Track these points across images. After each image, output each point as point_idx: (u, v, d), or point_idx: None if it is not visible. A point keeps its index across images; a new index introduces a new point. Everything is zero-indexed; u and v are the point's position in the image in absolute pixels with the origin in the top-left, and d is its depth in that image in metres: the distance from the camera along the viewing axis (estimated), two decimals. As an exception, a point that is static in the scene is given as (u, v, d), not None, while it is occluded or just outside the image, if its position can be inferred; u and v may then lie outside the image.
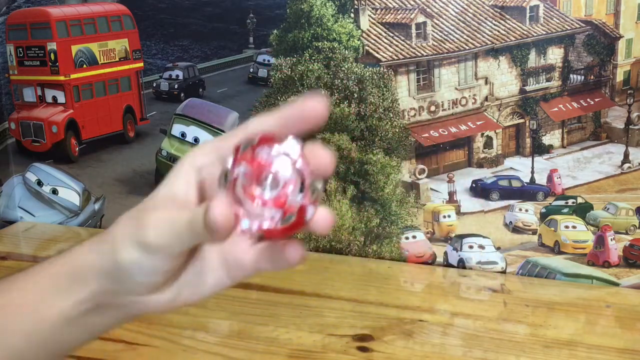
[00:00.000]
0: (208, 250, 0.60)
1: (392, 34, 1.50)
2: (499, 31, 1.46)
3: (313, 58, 1.53)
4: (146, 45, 1.71)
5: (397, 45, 1.51)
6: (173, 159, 1.70)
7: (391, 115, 1.51)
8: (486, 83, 1.50)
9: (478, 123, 1.52)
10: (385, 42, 1.51)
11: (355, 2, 1.50)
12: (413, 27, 1.49)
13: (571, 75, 1.44)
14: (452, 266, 1.53)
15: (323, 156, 0.54)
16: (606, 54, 1.41)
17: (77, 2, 1.72)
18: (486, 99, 1.51)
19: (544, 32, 1.44)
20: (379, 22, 1.51)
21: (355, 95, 1.52)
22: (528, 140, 1.50)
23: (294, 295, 1.36)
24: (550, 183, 1.47)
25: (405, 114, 1.52)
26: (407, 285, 1.50)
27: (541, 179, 1.48)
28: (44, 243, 1.69)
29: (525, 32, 1.45)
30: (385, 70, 1.50)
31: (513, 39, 1.46)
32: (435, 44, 1.49)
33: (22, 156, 1.80)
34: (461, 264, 1.52)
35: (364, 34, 1.51)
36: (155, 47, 1.70)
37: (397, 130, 1.52)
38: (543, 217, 1.48)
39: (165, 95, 1.74)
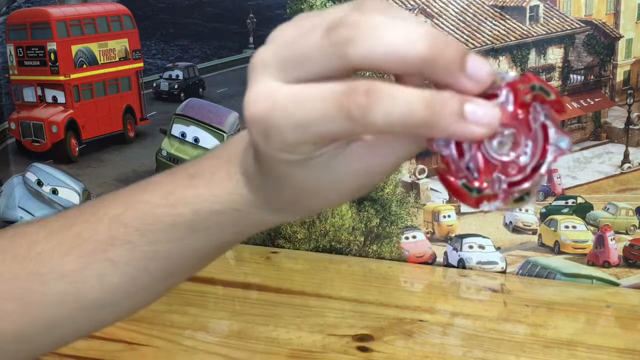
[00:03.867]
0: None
1: (392, 34, 1.50)
2: (499, 31, 1.46)
3: (313, 58, 1.52)
4: (146, 45, 1.71)
5: (397, 45, 1.50)
6: (173, 159, 1.70)
7: (391, 115, 1.51)
8: (486, 83, 1.50)
9: (478, 123, 1.52)
10: (385, 42, 1.50)
11: (355, 2, 1.50)
12: (413, 27, 1.49)
13: (571, 75, 1.44)
14: (452, 266, 1.53)
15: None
16: (606, 54, 1.41)
17: (77, 2, 1.72)
18: (486, 99, 1.51)
19: (544, 32, 1.44)
20: (379, 22, 1.51)
21: (355, 95, 1.52)
22: (528, 140, 1.50)
23: (294, 295, 1.36)
24: (550, 183, 1.47)
25: (405, 114, 1.51)
26: (407, 285, 1.50)
27: (541, 179, 1.48)
28: (44, 243, 1.68)
29: (525, 32, 1.45)
30: (385, 70, 1.50)
31: (513, 39, 1.46)
32: (435, 44, 1.49)
33: (22, 156, 1.80)
34: (461, 264, 1.52)
35: (364, 34, 1.51)
36: (155, 47, 1.70)
37: (397, 130, 1.51)
38: (543, 217, 1.48)
39: (165, 95, 1.74)
